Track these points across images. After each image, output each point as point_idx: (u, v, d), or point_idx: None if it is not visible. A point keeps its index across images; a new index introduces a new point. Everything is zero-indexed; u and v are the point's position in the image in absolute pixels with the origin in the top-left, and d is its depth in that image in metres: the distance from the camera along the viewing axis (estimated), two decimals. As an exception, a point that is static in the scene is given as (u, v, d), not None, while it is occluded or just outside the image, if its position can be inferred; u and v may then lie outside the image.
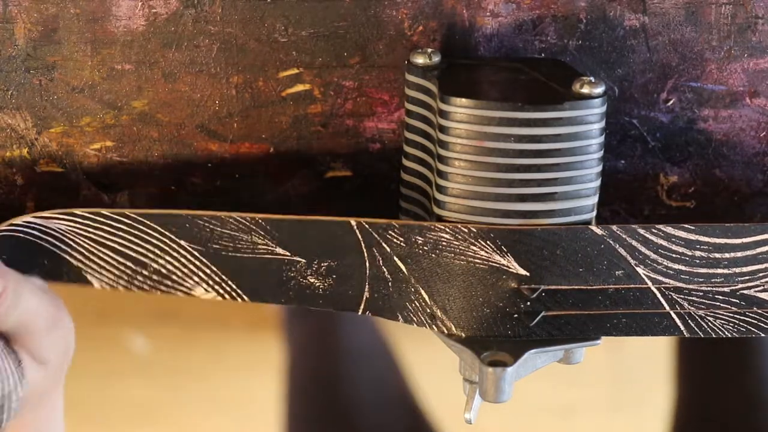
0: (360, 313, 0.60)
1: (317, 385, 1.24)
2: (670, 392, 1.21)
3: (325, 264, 0.59)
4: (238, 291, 0.61)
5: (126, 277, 0.61)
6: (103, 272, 0.61)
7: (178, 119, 0.61)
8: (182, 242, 0.60)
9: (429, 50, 0.58)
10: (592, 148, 0.56)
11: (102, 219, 0.60)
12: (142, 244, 0.60)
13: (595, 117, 0.56)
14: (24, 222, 0.60)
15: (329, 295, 0.60)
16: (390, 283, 0.59)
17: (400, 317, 0.59)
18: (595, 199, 0.57)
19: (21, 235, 0.60)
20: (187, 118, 0.61)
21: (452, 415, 1.17)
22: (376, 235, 0.58)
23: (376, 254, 0.58)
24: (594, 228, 0.56)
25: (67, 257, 0.61)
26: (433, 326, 0.59)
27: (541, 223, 0.56)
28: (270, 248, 0.59)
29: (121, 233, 0.60)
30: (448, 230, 0.57)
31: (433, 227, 0.57)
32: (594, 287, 0.57)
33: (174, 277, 0.61)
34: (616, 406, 1.51)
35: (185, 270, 0.61)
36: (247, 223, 0.59)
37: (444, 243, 0.57)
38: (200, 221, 0.59)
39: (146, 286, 0.61)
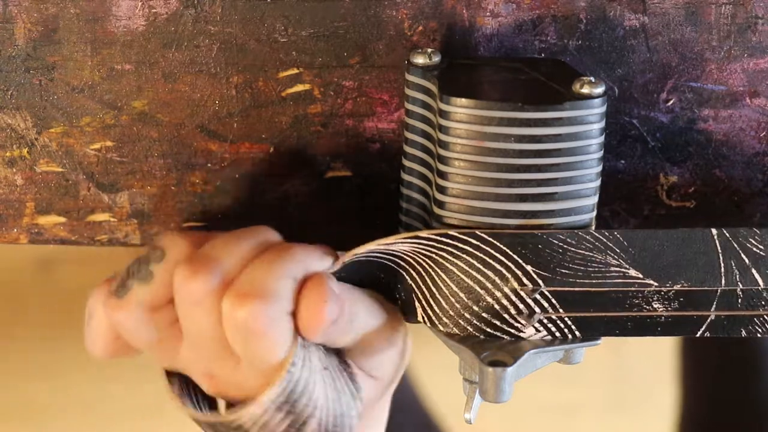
0: (697, 335, 0.56)
1: None
2: (675, 393, 1.21)
3: (677, 286, 0.56)
4: (572, 327, 0.56)
5: (453, 312, 0.57)
6: (432, 302, 0.57)
7: (178, 119, 0.61)
8: (528, 267, 0.55)
9: (429, 50, 0.58)
10: (592, 148, 0.56)
11: (448, 240, 0.55)
12: (483, 269, 0.56)
13: (595, 117, 0.56)
14: (368, 251, 0.56)
15: (670, 322, 0.56)
16: (739, 299, 0.56)
17: (743, 332, 0.56)
18: (595, 199, 0.57)
19: (363, 258, 0.57)
20: (187, 118, 0.61)
21: (452, 414, 1.17)
22: (735, 245, 0.55)
23: (734, 267, 0.55)
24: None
25: (405, 274, 0.58)
26: None
27: (541, 223, 0.56)
28: (622, 270, 0.55)
29: (465, 255, 0.56)
30: None
31: None
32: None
33: (506, 315, 0.57)
34: (616, 406, 1.51)
35: (521, 306, 0.56)
36: (604, 240, 0.55)
37: None
38: (554, 240, 0.55)
39: (470, 326, 0.57)
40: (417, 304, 0.58)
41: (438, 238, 0.56)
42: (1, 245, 0.63)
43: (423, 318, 0.58)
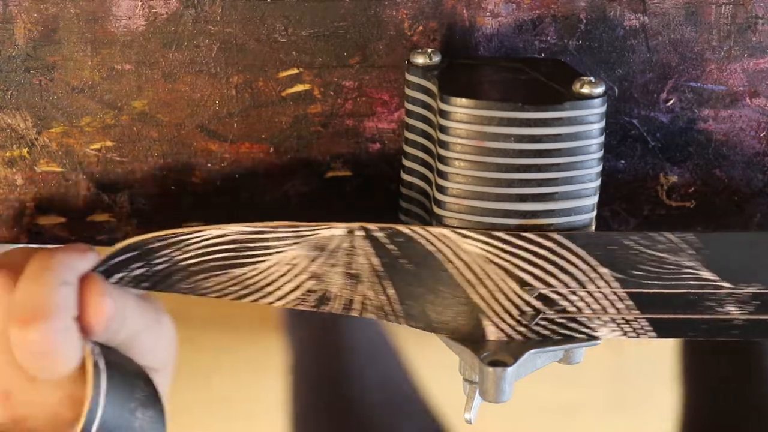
0: None
1: (323, 385, 1.24)
2: (676, 393, 1.21)
3: (752, 288, 0.55)
4: (648, 327, 0.56)
5: (526, 320, 0.57)
6: (506, 317, 0.57)
7: (178, 119, 0.61)
8: (604, 270, 0.55)
9: (429, 50, 0.58)
10: (592, 148, 0.56)
11: (522, 243, 0.55)
12: (559, 274, 0.56)
13: (595, 117, 0.56)
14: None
15: (746, 325, 0.55)
16: None
17: None
18: (595, 199, 0.57)
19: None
20: (187, 118, 0.61)
21: (453, 414, 1.17)
22: None
23: None
24: None
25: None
26: None
27: (541, 223, 0.56)
28: (696, 272, 0.55)
29: (540, 260, 0.55)
30: None
31: None
32: None
33: (581, 318, 0.56)
34: (616, 406, 1.51)
35: (596, 306, 0.56)
36: (678, 242, 0.54)
37: None
38: (627, 241, 0.54)
39: (545, 330, 0.57)
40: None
41: (512, 239, 0.55)
42: (1, 245, 0.63)
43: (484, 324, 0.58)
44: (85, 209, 0.62)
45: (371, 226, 0.56)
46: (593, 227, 0.57)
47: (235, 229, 0.57)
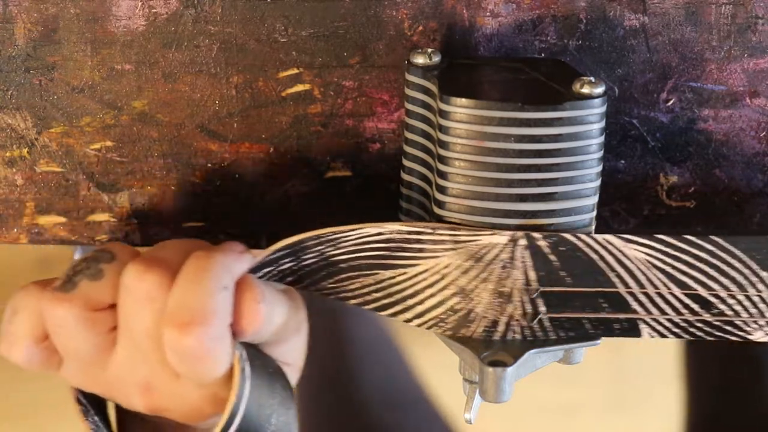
0: None
1: (325, 383, 1.24)
2: (680, 394, 1.21)
3: None
4: None
5: (683, 323, 0.57)
6: (662, 319, 0.57)
7: (178, 119, 0.61)
8: (765, 273, 0.55)
9: (429, 50, 0.58)
10: (592, 148, 0.56)
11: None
12: (720, 278, 0.56)
13: (595, 117, 0.56)
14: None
15: None
16: None
17: None
18: (595, 199, 0.57)
19: None
20: (187, 118, 0.61)
21: (453, 414, 1.17)
22: None
23: None
24: None
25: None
26: None
27: (541, 223, 0.56)
28: None
29: (701, 264, 0.56)
30: None
31: None
32: None
33: (737, 321, 0.57)
34: (616, 406, 1.51)
35: (754, 310, 0.56)
36: None
37: None
38: None
39: (701, 332, 0.57)
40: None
41: (674, 242, 0.55)
42: (1, 245, 0.63)
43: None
44: (85, 209, 0.62)
45: (535, 234, 0.55)
46: (593, 227, 0.57)
47: (393, 228, 0.56)
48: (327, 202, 0.62)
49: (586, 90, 0.55)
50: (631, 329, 0.58)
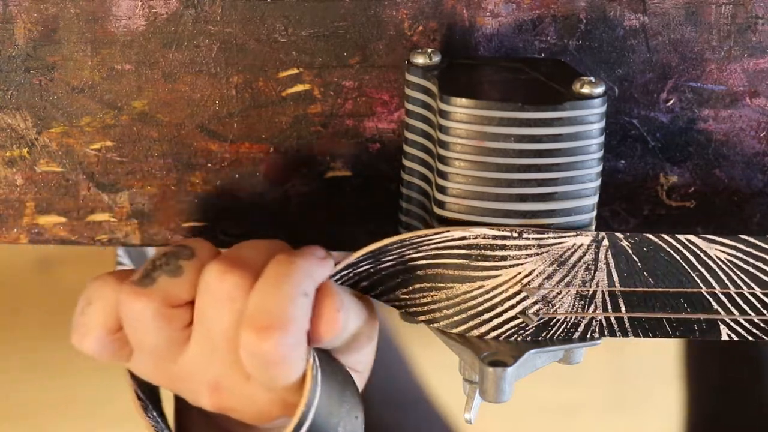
0: None
1: None
2: (680, 394, 1.21)
3: None
4: None
5: (764, 324, 0.57)
6: (741, 320, 0.58)
7: (178, 119, 0.61)
8: None
9: (429, 50, 0.58)
10: (592, 148, 0.56)
11: (749, 249, 0.56)
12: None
13: (595, 117, 0.56)
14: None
15: None
16: None
17: None
18: (595, 199, 0.57)
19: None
20: (187, 118, 0.61)
21: (453, 414, 1.17)
22: None
23: None
24: None
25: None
26: None
27: (541, 223, 0.56)
28: None
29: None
30: None
31: None
32: None
33: None
34: (616, 406, 1.51)
35: None
36: None
37: None
38: None
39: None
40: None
41: (759, 243, 0.56)
42: (1, 245, 0.63)
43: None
44: (85, 209, 0.62)
45: (618, 234, 0.55)
46: (593, 227, 0.57)
47: (478, 232, 0.55)
48: (327, 202, 0.62)
49: (586, 90, 0.55)
50: (710, 329, 0.58)
